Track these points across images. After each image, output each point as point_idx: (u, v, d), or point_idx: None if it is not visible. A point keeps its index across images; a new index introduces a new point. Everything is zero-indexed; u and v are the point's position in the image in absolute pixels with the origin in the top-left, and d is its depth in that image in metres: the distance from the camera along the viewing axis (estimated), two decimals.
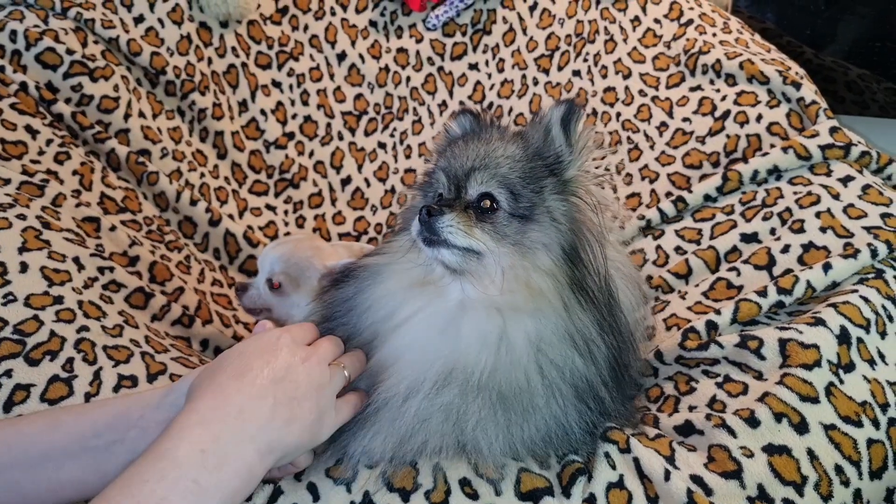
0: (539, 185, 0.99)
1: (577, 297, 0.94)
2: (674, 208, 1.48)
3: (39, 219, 1.27)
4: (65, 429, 0.86)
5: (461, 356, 0.92)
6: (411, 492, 0.89)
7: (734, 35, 1.78)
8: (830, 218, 1.23)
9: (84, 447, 0.84)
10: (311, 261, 1.51)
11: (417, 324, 0.98)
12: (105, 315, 1.21)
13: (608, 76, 1.93)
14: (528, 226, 0.97)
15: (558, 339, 0.93)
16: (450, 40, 2.21)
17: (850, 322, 1.03)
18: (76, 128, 1.62)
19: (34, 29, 1.64)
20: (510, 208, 0.97)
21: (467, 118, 1.15)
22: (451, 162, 1.03)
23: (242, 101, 2.11)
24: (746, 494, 0.87)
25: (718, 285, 1.26)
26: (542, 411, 0.93)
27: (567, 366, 0.93)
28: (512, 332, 0.93)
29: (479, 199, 0.98)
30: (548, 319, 0.93)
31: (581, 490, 0.89)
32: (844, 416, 0.94)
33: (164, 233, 1.69)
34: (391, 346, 0.97)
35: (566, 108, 1.00)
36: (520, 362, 0.92)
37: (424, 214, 0.94)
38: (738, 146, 1.51)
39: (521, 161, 1.00)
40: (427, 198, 1.08)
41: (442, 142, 1.17)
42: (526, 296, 0.94)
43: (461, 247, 0.94)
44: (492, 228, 0.96)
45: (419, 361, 0.94)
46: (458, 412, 0.91)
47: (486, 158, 1.00)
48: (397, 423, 0.92)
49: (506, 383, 0.91)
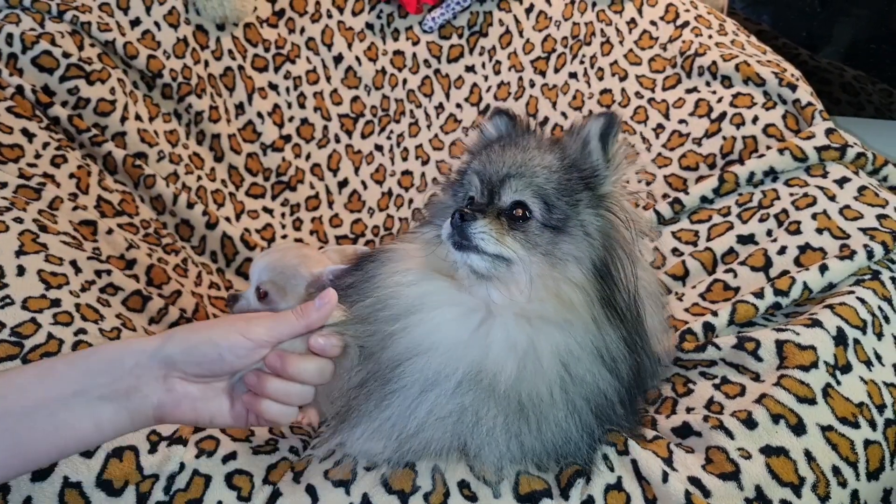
0: (574, 198, 0.98)
1: (606, 312, 0.93)
2: (670, 210, 1.48)
3: (36, 222, 1.27)
4: (57, 376, 0.84)
5: (489, 361, 0.91)
6: (410, 494, 0.89)
7: (730, 37, 1.78)
8: (827, 219, 1.23)
9: (77, 393, 0.83)
10: (297, 269, 1.50)
11: (447, 318, 0.95)
12: (103, 318, 1.20)
13: (604, 78, 1.93)
14: (560, 237, 0.96)
15: (587, 353, 0.92)
16: (446, 43, 2.21)
17: (847, 323, 1.03)
18: (73, 131, 1.62)
19: (30, 32, 1.64)
20: (543, 219, 0.96)
21: (503, 120, 1.14)
22: (487, 166, 1.02)
23: (239, 103, 2.10)
24: (744, 496, 0.87)
25: (715, 287, 1.27)
26: (560, 425, 0.92)
27: (592, 381, 0.92)
28: (540, 343, 0.92)
29: (512, 206, 0.97)
30: (577, 333, 0.92)
31: (580, 492, 0.89)
32: (841, 418, 0.95)
33: (162, 236, 1.69)
34: (418, 333, 0.94)
35: (606, 120, 0.99)
36: (545, 374, 0.91)
37: (458, 219, 0.93)
38: (734, 148, 1.52)
39: (558, 172, 0.99)
40: (457, 198, 1.07)
41: (476, 142, 1.16)
42: (556, 306, 0.93)
43: (491, 253, 0.94)
44: (523, 237, 0.95)
45: (448, 358, 0.91)
46: (473, 416, 0.90)
47: (523, 167, 0.99)
48: (408, 414, 0.91)
49: (527, 394, 0.90)
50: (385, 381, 0.93)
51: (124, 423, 0.84)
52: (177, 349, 0.85)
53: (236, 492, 0.90)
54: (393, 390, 0.92)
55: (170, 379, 0.85)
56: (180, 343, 0.86)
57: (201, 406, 0.87)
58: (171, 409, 0.85)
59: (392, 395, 0.92)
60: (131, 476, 0.89)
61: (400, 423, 0.91)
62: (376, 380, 0.94)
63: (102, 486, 0.87)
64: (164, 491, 0.89)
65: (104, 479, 0.88)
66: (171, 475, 0.90)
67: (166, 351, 0.85)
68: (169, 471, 0.91)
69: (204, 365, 0.86)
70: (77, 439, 0.84)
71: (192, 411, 0.87)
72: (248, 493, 0.91)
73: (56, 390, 0.83)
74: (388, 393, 0.92)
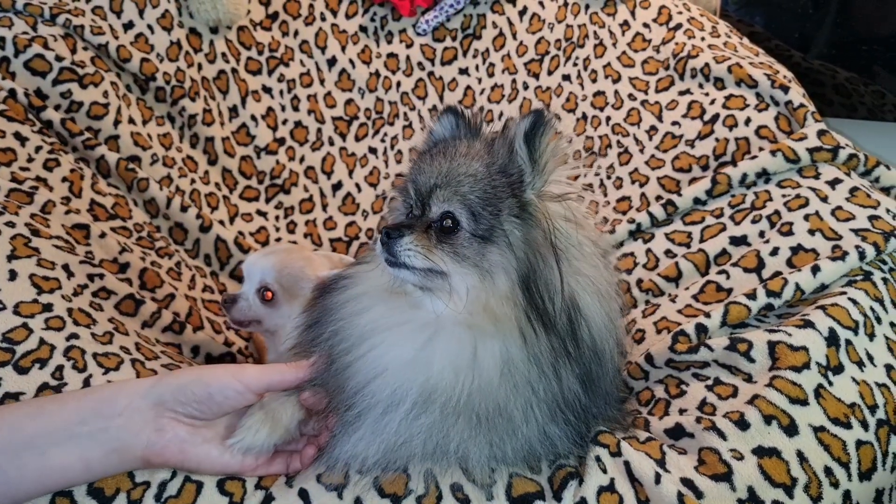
0: (497, 206, 0.95)
1: (532, 324, 0.92)
2: (663, 212, 1.48)
3: (28, 226, 1.26)
4: (49, 415, 0.86)
5: (438, 379, 0.91)
6: (403, 497, 0.89)
7: (723, 39, 1.79)
8: (819, 220, 1.23)
9: (69, 434, 0.84)
10: (303, 270, 1.48)
11: (395, 338, 0.96)
12: (95, 322, 1.20)
13: (598, 80, 1.94)
14: (487, 248, 0.94)
15: (524, 362, 0.92)
16: (440, 45, 2.21)
17: (839, 324, 1.03)
18: (65, 134, 1.61)
19: (23, 36, 1.64)
20: (471, 229, 0.94)
21: (450, 118, 1.12)
22: (419, 177, 1.01)
23: (233, 106, 2.10)
24: (737, 497, 0.87)
25: (708, 288, 1.27)
26: (522, 429, 0.92)
27: (538, 385, 0.92)
28: (482, 354, 0.92)
29: (442, 217, 0.96)
30: (510, 344, 0.92)
31: (572, 494, 0.89)
32: (833, 418, 0.95)
33: (155, 239, 1.68)
34: (370, 358, 0.95)
35: (532, 120, 0.95)
36: (492, 385, 0.91)
37: (384, 236, 0.94)
38: (727, 149, 1.52)
39: (484, 180, 0.96)
40: (405, 204, 1.06)
41: (423, 143, 1.15)
42: (487, 319, 0.93)
43: (421, 268, 0.94)
44: (451, 249, 0.94)
45: (398, 379, 0.92)
46: (439, 433, 0.91)
47: (448, 176, 0.97)
48: (379, 435, 0.92)
49: (482, 406, 0.90)
50: (350, 406, 0.95)
51: (113, 464, 0.87)
52: (168, 389, 0.89)
53: (228, 497, 0.90)
54: (358, 413, 0.94)
55: (160, 419, 0.88)
56: (171, 383, 0.90)
57: (189, 449, 0.90)
58: (159, 450, 0.88)
59: (358, 419, 0.94)
60: (122, 483, 0.88)
61: (378, 440, 0.92)
62: (344, 406, 0.95)
63: (93, 495, 0.87)
64: (155, 498, 0.88)
65: (95, 488, 0.87)
66: (163, 482, 0.90)
67: (158, 391, 0.89)
68: (160, 478, 0.90)
69: (193, 405, 0.90)
70: (65, 478, 0.85)
71: (180, 453, 0.89)
72: (240, 499, 0.90)
73: (47, 429, 0.85)
74: (355, 417, 0.94)
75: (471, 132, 1.10)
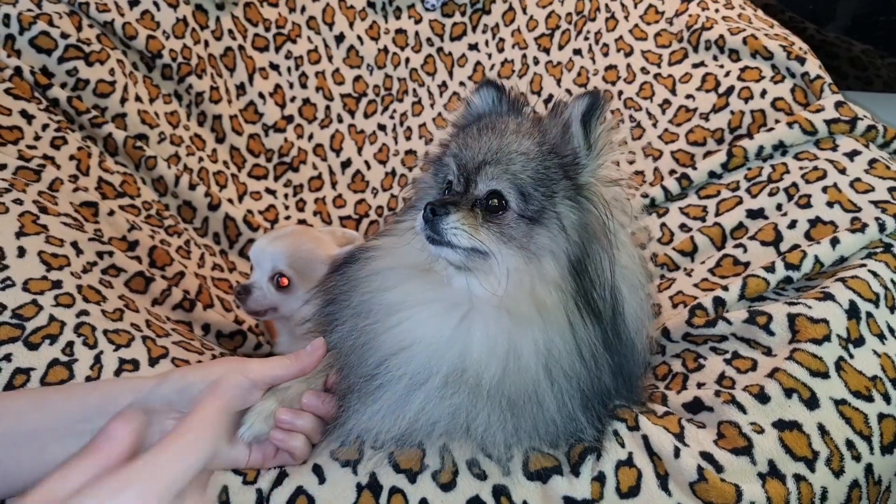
0: (551, 188, 0.92)
1: (580, 312, 0.90)
2: (678, 186, 1.46)
3: (36, 203, 1.25)
4: (52, 408, 0.85)
5: (471, 361, 0.89)
6: (418, 473, 0.88)
7: (737, 11, 1.76)
8: (837, 192, 1.21)
9: (70, 430, 0.83)
10: (315, 252, 1.46)
11: (427, 314, 0.93)
12: (105, 299, 1.19)
13: (609, 54, 1.91)
14: (536, 230, 0.91)
15: (566, 351, 0.89)
16: (449, 21, 2.18)
17: (859, 296, 1.02)
18: (72, 112, 1.60)
19: (28, 13, 1.62)
20: (519, 209, 0.92)
21: (490, 92, 1.08)
22: (463, 151, 0.97)
23: (240, 84, 2.08)
24: (757, 470, 0.86)
25: (725, 262, 1.25)
26: (553, 416, 0.90)
27: (577, 376, 0.90)
28: (520, 340, 0.89)
29: (488, 196, 0.93)
30: (553, 332, 0.89)
31: (590, 468, 0.88)
32: (855, 391, 0.93)
33: (164, 217, 1.67)
34: (399, 331, 0.92)
35: (589, 102, 0.92)
36: (528, 372, 0.88)
37: (429, 213, 0.90)
38: (742, 122, 1.50)
39: (536, 159, 0.93)
40: (437, 179, 1.04)
41: (461, 117, 1.11)
42: (531, 304, 0.90)
43: (465, 247, 0.91)
44: (498, 229, 0.91)
45: (428, 355, 0.90)
46: (466, 414, 0.89)
47: (499, 153, 0.94)
48: (400, 409, 0.90)
49: (515, 391, 0.88)
50: (370, 378, 0.92)
51: None
52: (173, 388, 0.87)
53: (242, 476, 0.89)
54: (379, 384, 0.91)
55: (165, 420, 0.86)
56: (176, 382, 0.87)
57: None
58: None
59: (379, 390, 0.91)
60: None
61: (396, 415, 0.90)
62: (363, 378, 0.93)
63: None
64: None
65: None
66: None
67: (162, 390, 0.87)
68: None
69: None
70: None
71: None
72: (254, 477, 0.89)
73: (50, 422, 0.84)
74: (375, 388, 0.91)
75: (512, 108, 1.07)
